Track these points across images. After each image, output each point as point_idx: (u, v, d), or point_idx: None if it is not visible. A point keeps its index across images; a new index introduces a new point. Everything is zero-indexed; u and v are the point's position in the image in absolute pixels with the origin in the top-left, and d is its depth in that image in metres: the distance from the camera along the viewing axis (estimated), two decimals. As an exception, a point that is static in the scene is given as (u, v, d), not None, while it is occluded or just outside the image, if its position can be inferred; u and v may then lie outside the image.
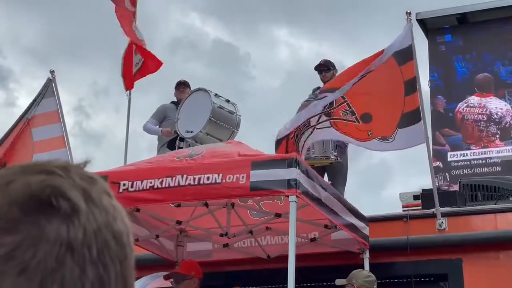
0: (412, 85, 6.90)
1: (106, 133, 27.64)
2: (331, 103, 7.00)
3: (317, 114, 7.01)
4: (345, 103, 7.03)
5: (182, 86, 9.66)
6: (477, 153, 12.86)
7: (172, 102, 9.69)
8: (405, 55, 6.95)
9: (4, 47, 28.55)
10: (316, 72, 8.89)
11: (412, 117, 6.79)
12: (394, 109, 6.86)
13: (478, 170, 12.53)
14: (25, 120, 8.75)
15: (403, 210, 8.52)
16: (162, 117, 9.47)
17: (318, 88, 8.74)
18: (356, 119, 6.87)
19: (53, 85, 8.78)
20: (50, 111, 8.64)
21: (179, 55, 28.21)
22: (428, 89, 13.67)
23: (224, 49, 26.21)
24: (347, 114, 6.99)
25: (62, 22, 27.86)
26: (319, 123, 6.96)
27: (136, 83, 9.88)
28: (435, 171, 10.00)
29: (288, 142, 6.88)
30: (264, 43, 28.08)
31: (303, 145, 6.97)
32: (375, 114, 6.87)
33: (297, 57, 25.87)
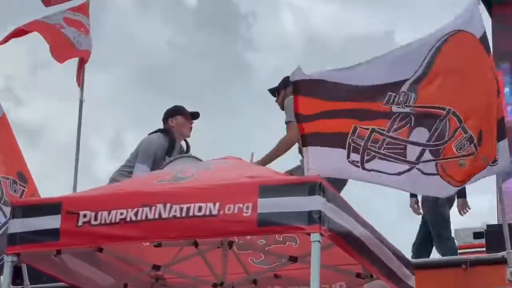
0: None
1: (44, 127, 23.13)
2: (443, 130, 5.32)
3: (420, 145, 5.33)
4: (460, 128, 5.35)
5: (194, 119, 8.13)
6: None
7: (161, 132, 8.04)
8: (487, 44, 5.61)
9: None
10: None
11: (502, 128, 5.49)
12: (491, 115, 5.41)
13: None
14: None
15: (460, 253, 7.55)
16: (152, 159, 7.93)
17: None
18: (475, 146, 5.31)
19: None
20: None
21: (152, 13, 23.98)
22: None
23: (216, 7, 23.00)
24: (464, 145, 5.34)
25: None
26: (422, 161, 5.31)
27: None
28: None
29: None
30: (267, 7, 25.00)
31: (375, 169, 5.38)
32: (483, 126, 5.36)
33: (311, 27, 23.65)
